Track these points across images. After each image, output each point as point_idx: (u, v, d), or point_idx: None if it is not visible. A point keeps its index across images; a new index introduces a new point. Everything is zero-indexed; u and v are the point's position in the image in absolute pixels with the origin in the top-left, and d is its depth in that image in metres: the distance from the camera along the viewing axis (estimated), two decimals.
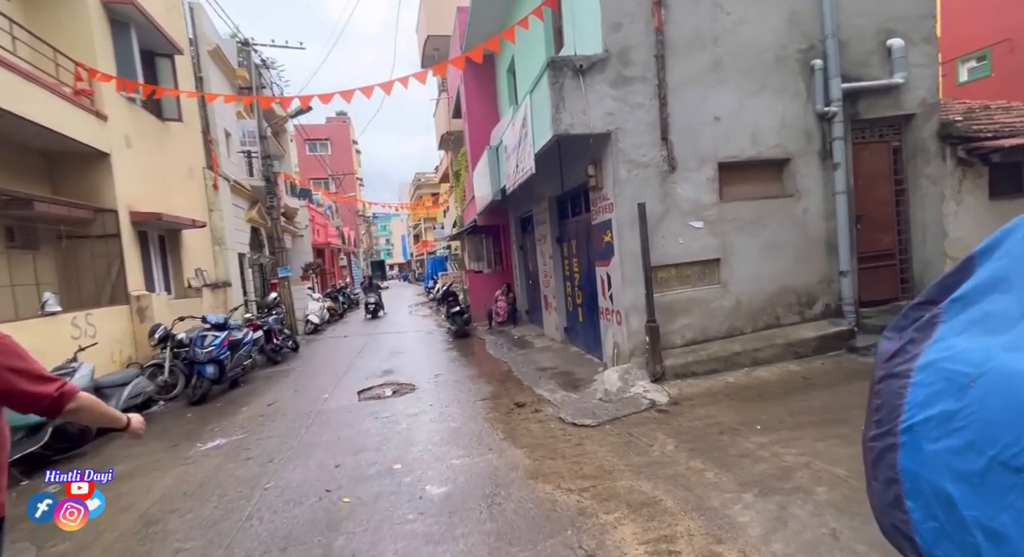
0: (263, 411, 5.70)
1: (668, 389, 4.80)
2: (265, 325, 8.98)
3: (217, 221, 11.18)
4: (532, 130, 5.83)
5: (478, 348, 8.82)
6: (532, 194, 8.69)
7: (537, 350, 7.89)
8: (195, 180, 10.47)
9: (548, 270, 8.30)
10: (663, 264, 5.31)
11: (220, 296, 10.47)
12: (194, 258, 9.92)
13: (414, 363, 7.89)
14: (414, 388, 6.20)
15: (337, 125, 42.60)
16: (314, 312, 13.53)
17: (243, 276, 13.37)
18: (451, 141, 17.19)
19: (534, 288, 10.05)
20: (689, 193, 5.36)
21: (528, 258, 10.51)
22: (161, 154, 8.88)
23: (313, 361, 8.99)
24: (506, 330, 10.38)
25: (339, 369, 7.89)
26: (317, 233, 21.66)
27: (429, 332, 11.66)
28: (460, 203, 15.61)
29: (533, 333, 9.49)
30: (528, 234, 10.32)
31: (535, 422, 4.52)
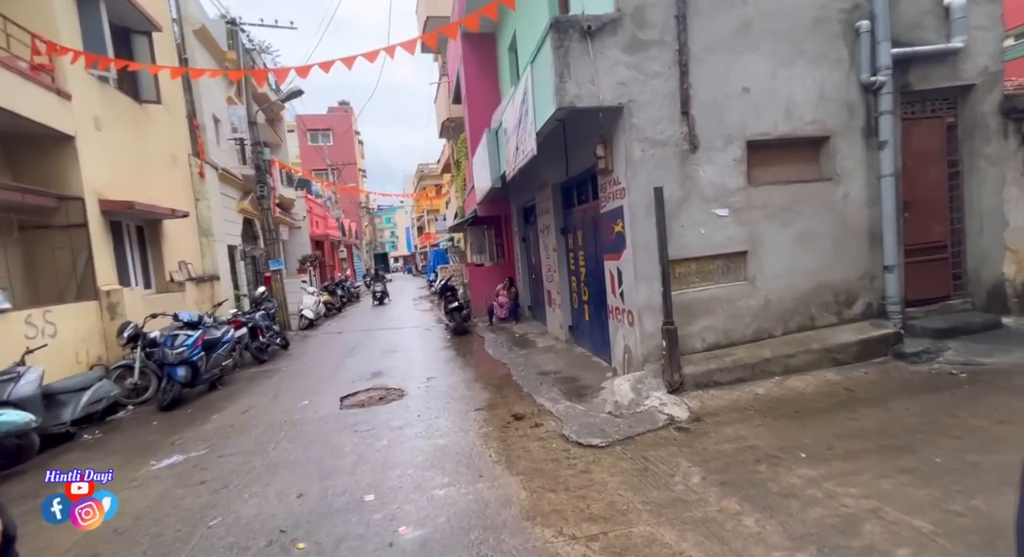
0: (234, 420, 5.14)
1: (688, 402, 4.17)
2: (250, 322, 8.43)
3: (204, 211, 10.62)
4: (533, 105, 5.16)
5: (476, 347, 8.22)
6: (535, 181, 8.02)
7: (539, 350, 7.27)
8: (179, 168, 9.89)
9: (552, 264, 7.66)
10: (682, 258, 4.65)
11: (206, 290, 9.93)
12: (177, 250, 9.36)
13: (406, 364, 7.30)
14: (402, 394, 5.61)
15: (339, 115, 41.89)
16: (309, 307, 12.99)
17: (234, 269, 12.85)
18: (452, 128, 16.49)
19: (537, 283, 9.42)
20: (712, 176, 4.68)
21: (531, 251, 9.87)
22: (138, 139, 8.29)
23: (301, 360, 8.44)
24: (507, 327, 9.77)
25: (326, 370, 7.32)
26: (316, 225, 21.11)
27: (427, 328, 11.09)
28: (461, 193, 14.96)
29: (536, 331, 8.88)
30: (531, 225, 9.66)
31: (534, 440, 3.91)
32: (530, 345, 7.75)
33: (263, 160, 11.73)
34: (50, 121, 6.12)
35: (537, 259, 9.13)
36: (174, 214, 8.48)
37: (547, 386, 5.30)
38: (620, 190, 4.78)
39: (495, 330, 9.62)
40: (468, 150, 11.65)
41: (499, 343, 8.16)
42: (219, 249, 11.03)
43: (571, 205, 7.02)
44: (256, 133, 11.59)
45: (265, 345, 8.63)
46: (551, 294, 7.96)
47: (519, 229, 10.42)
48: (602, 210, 5.34)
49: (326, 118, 40.75)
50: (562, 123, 5.60)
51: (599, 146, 4.91)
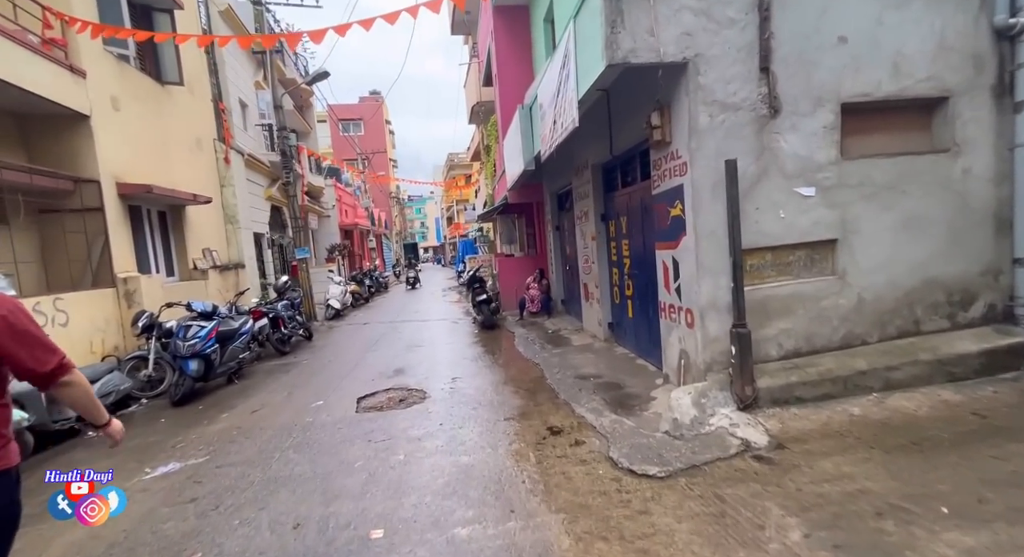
0: (243, 421, 4.71)
1: (765, 422, 3.41)
2: (271, 312, 8.09)
3: (229, 198, 10.39)
4: (576, 68, 4.43)
5: (506, 344, 7.61)
6: (571, 163, 7.28)
7: (575, 349, 6.59)
8: (204, 153, 9.65)
9: (590, 254, 6.92)
10: (755, 247, 3.86)
11: (230, 279, 9.72)
12: (202, 237, 9.14)
13: (431, 361, 6.77)
14: (425, 397, 5.06)
15: (370, 104, 41.91)
16: (335, 297, 12.72)
17: (261, 258, 12.69)
18: (481, 113, 15.82)
19: (572, 275, 8.70)
20: (797, 147, 3.84)
21: (565, 240, 9.14)
22: (159, 121, 8.02)
23: (323, 353, 8.06)
24: (539, 322, 9.12)
25: (346, 365, 6.88)
26: (345, 214, 20.97)
27: (454, 321, 10.57)
28: (491, 180, 14.32)
29: (570, 327, 8.18)
30: (566, 212, 8.93)
31: (576, 462, 3.26)
32: (564, 343, 7.07)
33: (289, 146, 11.42)
34: (62, 98, 5.82)
35: (572, 249, 8.41)
36: (196, 199, 8.21)
37: (587, 393, 4.63)
38: (680, 166, 4.01)
39: (526, 325, 8.99)
40: (499, 133, 10.97)
41: (530, 340, 7.52)
42: (245, 237, 10.81)
43: (614, 188, 6.25)
44: (282, 117, 11.27)
45: (287, 336, 8.30)
46: (587, 288, 7.24)
47: (552, 217, 9.70)
48: (655, 191, 4.58)
49: (357, 107, 40.83)
50: (606, 93, 4.86)
51: (654, 114, 4.14)
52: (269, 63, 10.94)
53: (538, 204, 11.36)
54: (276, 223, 14.22)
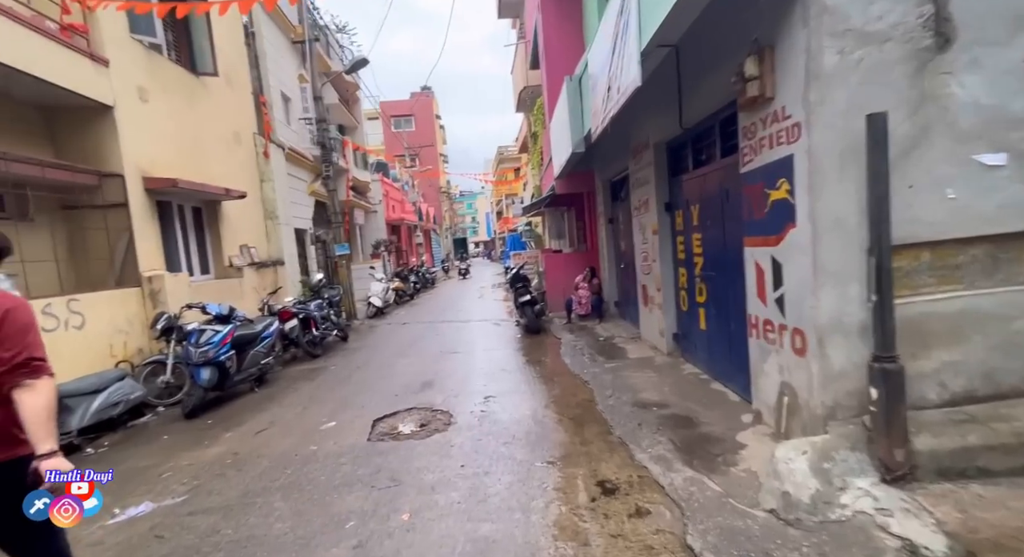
0: (242, 445, 4.12)
1: (933, 508, 2.26)
2: (302, 313, 7.65)
3: (269, 193, 10.15)
4: (638, 12, 3.39)
5: (550, 353, 6.67)
6: (628, 144, 6.19)
7: (632, 364, 5.52)
8: (243, 147, 9.42)
9: (650, 250, 5.82)
10: (907, 242, 2.66)
11: (268, 276, 9.45)
12: (239, 234, 8.90)
13: (464, 372, 5.97)
14: (449, 422, 4.25)
15: (420, 100, 42.08)
16: (376, 294, 12.32)
17: (304, 254, 12.53)
18: (528, 99, 14.85)
19: (627, 274, 7.59)
20: (978, 93, 2.60)
21: (619, 234, 8.03)
22: (193, 114, 7.75)
23: (354, 357, 7.50)
24: (588, 327, 8.09)
25: (373, 374, 6.24)
26: (392, 209, 20.80)
27: (496, 323, 9.75)
28: (538, 170, 13.35)
29: (624, 334, 7.10)
30: (620, 203, 7.81)
31: (639, 549, 2.29)
32: (619, 355, 6.02)
33: (329, 138, 11.05)
34: (82, 88, 5.52)
35: (628, 245, 7.30)
36: (228, 194, 7.90)
37: (649, 430, 3.60)
38: (788, 129, 2.87)
39: (574, 330, 7.99)
40: (545, 117, 9.97)
41: (578, 349, 6.53)
42: (285, 233, 10.57)
43: (681, 170, 5.12)
44: (322, 109, 10.91)
45: (318, 338, 7.83)
46: (647, 290, 6.13)
47: (605, 208, 8.60)
48: (744, 168, 3.45)
49: (408, 104, 41.08)
50: (675, 51, 3.79)
51: (749, 61, 3.02)
52: (309, 52, 10.59)
53: (589, 194, 10.27)
54: (320, 219, 14.05)
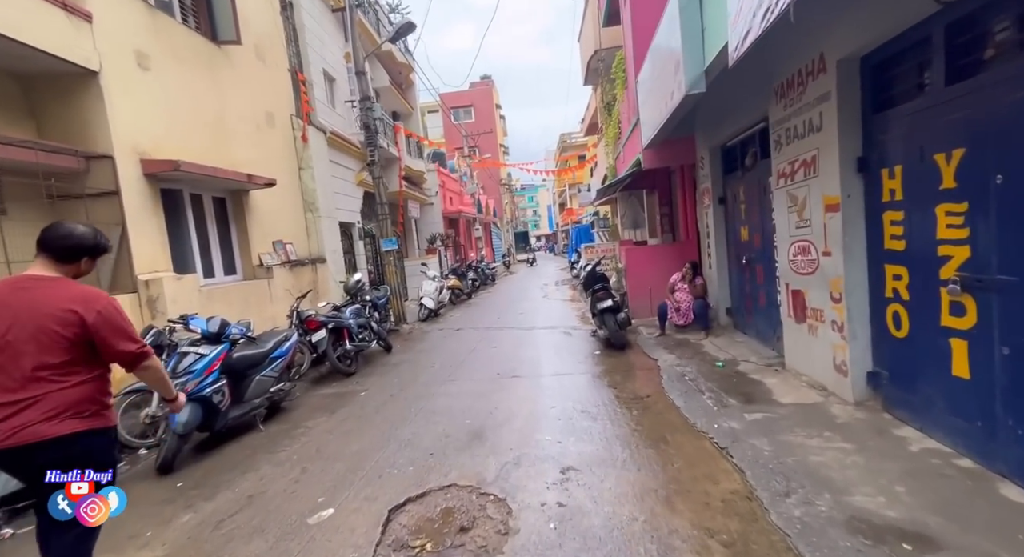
0: (200, 534, 2.69)
1: None
2: (331, 321, 6.31)
3: (308, 182, 9.05)
4: None
5: (649, 384, 4.75)
6: (767, 79, 4.10)
7: (794, 418, 3.46)
8: (278, 130, 8.33)
9: (818, 237, 3.72)
10: None
11: (305, 276, 8.32)
12: (273, 228, 7.82)
13: (527, 413, 4.24)
14: (505, 527, 2.54)
15: (481, 90, 40.96)
16: (428, 294, 10.96)
17: (352, 250, 11.46)
18: (600, 69, 12.76)
19: (751, 272, 5.47)
20: None
21: (736, 218, 5.89)
22: (213, 89, 6.66)
23: (390, 379, 6.04)
24: (692, 342, 6.05)
25: (407, 408, 4.70)
26: (449, 201, 19.58)
27: (567, 332, 7.95)
28: (612, 147, 11.29)
29: (753, 356, 4.99)
30: (738, 174, 5.67)
31: None
32: (759, 395, 3.99)
33: (374, 118, 9.76)
34: (53, 47, 4.42)
35: (755, 231, 5.19)
36: (252, 182, 6.74)
37: None
38: None
39: (672, 346, 5.98)
40: (629, 71, 7.93)
41: (688, 378, 4.57)
42: (327, 227, 9.45)
43: (889, 104, 3.01)
44: (365, 85, 9.62)
45: (353, 352, 6.47)
46: (804, 298, 4.02)
47: (713, 184, 6.46)
48: None
49: (468, 94, 40.08)
50: None
51: None
52: (350, 20, 9.31)
53: (683, 170, 8.12)
54: (371, 211, 12.97)
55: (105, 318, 1.86)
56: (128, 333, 1.93)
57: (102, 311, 1.86)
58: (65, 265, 1.95)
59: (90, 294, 1.89)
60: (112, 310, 1.90)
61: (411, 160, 14.99)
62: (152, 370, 2.03)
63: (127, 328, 1.93)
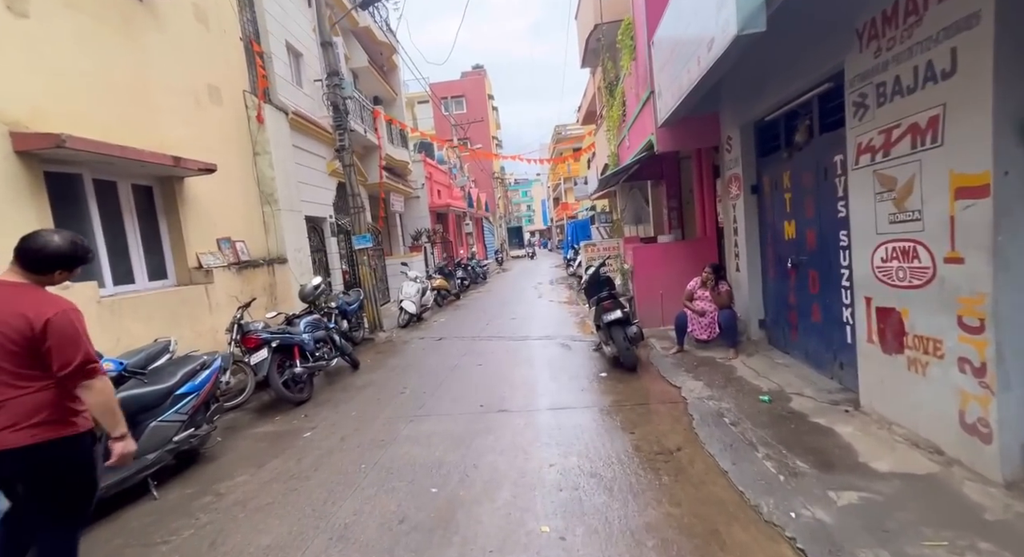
0: None
1: None
2: (276, 339, 5.11)
3: (265, 169, 7.80)
4: None
5: (676, 429, 3.59)
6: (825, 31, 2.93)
7: (914, 503, 2.33)
8: (227, 108, 7.07)
9: (918, 237, 2.58)
10: None
11: (259, 279, 7.09)
12: (216, 222, 6.58)
13: (514, 480, 3.08)
14: None
15: (472, 80, 39.56)
16: (409, 297, 9.77)
17: (324, 248, 10.22)
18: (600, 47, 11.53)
19: (795, 278, 4.33)
20: None
21: (774, 210, 4.74)
22: (131, 52, 5.39)
23: (348, 409, 4.86)
24: (719, 362, 4.92)
25: (358, 464, 3.53)
26: (436, 194, 18.32)
27: (565, 344, 6.80)
28: (615, 132, 10.10)
29: (805, 385, 3.84)
30: (784, 155, 4.50)
31: None
32: (840, 456, 2.85)
33: (343, 97, 8.51)
34: None
35: (807, 227, 4.05)
36: (180, 166, 5.49)
37: None
38: None
39: (698, 370, 4.84)
40: (637, 38, 6.72)
41: (730, 424, 3.43)
42: (290, 221, 8.21)
43: None
44: (333, 59, 8.35)
45: (304, 375, 5.28)
46: (898, 321, 2.88)
47: (744, 171, 5.31)
48: None
49: (459, 84, 38.73)
50: None
51: None
52: None
53: (702, 155, 6.96)
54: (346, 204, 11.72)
55: (56, 326, 1.79)
56: (76, 344, 1.83)
57: (53, 319, 1.80)
58: (36, 275, 1.92)
59: (47, 301, 1.85)
60: (65, 320, 1.83)
61: (393, 149, 13.71)
62: (96, 392, 1.89)
63: (78, 339, 1.84)
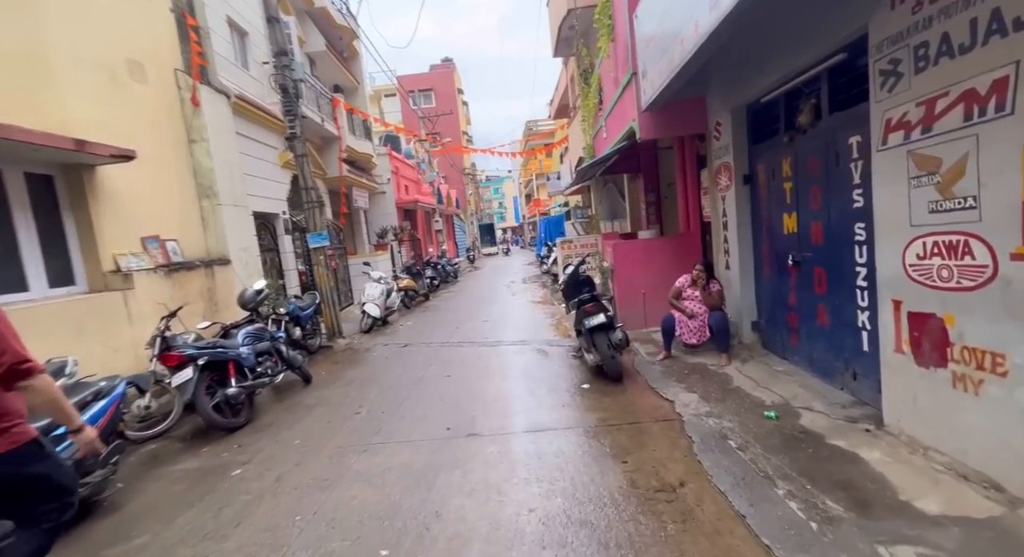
0: None
1: None
2: (205, 355, 4.32)
3: (202, 158, 6.89)
4: None
5: (675, 454, 3.06)
6: None
7: None
8: (153, 87, 6.17)
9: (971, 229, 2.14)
10: None
11: (194, 283, 6.22)
12: (141, 218, 5.70)
13: (490, 537, 2.49)
14: None
15: (441, 73, 38.54)
16: (372, 300, 9.01)
17: (277, 247, 9.32)
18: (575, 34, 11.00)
19: (796, 276, 3.89)
20: None
21: (771, 202, 4.30)
22: (22, 15, 4.49)
23: (292, 437, 4.14)
24: (711, 368, 4.46)
25: (291, 515, 2.85)
26: (404, 190, 17.47)
27: (540, 350, 6.25)
28: (590, 122, 9.61)
29: (812, 397, 3.39)
30: (783, 141, 4.04)
31: None
32: (876, 493, 2.38)
33: (293, 80, 7.66)
34: None
35: (812, 219, 3.61)
36: (85, 150, 4.60)
37: None
38: None
39: (690, 379, 4.36)
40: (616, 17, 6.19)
41: (737, 449, 2.93)
42: (235, 217, 7.33)
43: None
44: (280, 36, 7.49)
45: (240, 396, 4.51)
46: (940, 330, 2.44)
47: (736, 159, 4.86)
48: None
49: (427, 77, 37.65)
50: None
51: None
52: None
53: (685, 144, 6.52)
54: None
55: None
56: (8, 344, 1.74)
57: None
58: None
59: None
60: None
61: (355, 140, 12.82)
62: (39, 391, 1.80)
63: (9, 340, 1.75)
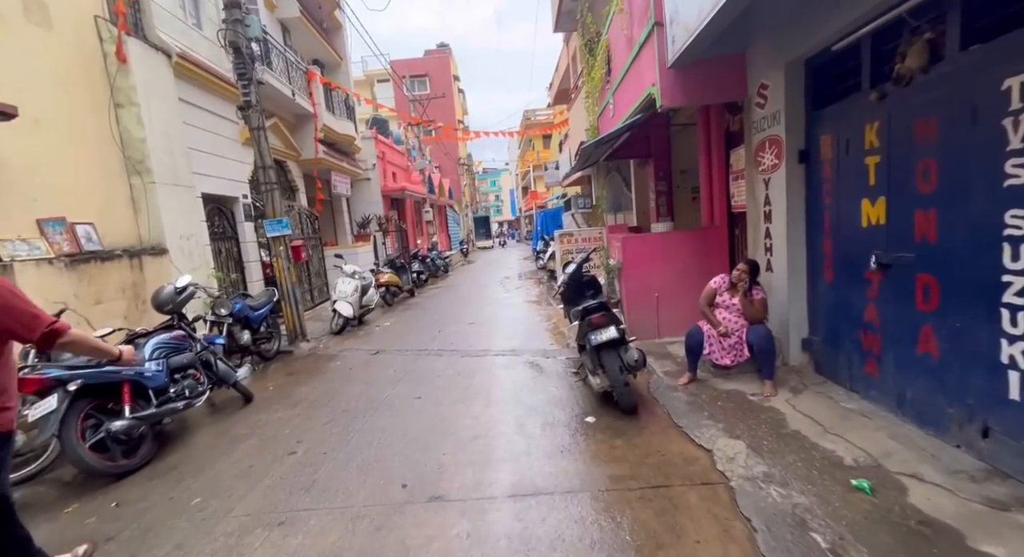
0: None
1: None
2: (77, 378, 3.21)
3: (132, 127, 5.73)
4: None
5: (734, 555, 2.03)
6: None
7: None
8: (59, 34, 5.01)
9: None
10: None
11: (112, 277, 5.09)
12: (36, 196, 4.56)
13: None
14: None
15: (436, 58, 37.09)
16: (344, 298, 7.90)
17: (236, 236, 8.17)
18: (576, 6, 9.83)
19: (879, 285, 2.82)
20: None
21: (836, 184, 3.21)
22: None
23: (197, 488, 3.05)
24: (752, 400, 3.39)
25: None
26: (391, 177, 16.27)
27: (534, 363, 5.18)
28: (595, 99, 8.48)
29: (919, 459, 2.31)
30: (865, 101, 2.94)
31: None
32: None
33: (248, 38, 6.47)
34: None
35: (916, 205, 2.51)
36: None
37: None
38: None
39: (726, 416, 3.29)
40: None
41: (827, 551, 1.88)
42: (175, 199, 6.18)
43: None
44: None
45: (140, 427, 3.40)
46: None
47: (789, 130, 3.78)
48: None
49: (422, 62, 36.24)
50: None
51: None
52: None
53: (710, 117, 5.42)
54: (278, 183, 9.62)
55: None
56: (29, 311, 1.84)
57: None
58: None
59: None
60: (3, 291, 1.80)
61: (335, 120, 11.61)
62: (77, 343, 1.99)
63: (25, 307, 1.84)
